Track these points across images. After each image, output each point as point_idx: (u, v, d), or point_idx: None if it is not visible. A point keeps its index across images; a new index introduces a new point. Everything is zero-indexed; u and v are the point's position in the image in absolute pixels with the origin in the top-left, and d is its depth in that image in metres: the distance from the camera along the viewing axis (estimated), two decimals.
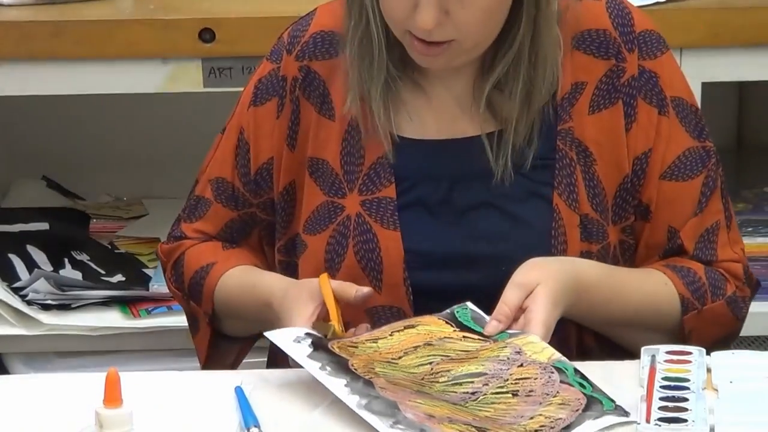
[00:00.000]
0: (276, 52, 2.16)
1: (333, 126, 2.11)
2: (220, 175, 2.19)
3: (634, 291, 2.09)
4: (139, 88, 2.84)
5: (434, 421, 1.76)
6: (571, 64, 2.09)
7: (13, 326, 2.89)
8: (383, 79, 2.06)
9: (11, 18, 2.83)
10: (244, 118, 2.17)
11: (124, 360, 2.80)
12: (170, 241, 2.24)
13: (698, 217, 2.12)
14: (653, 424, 1.81)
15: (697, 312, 2.10)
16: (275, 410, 1.87)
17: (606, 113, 2.10)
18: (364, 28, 2.05)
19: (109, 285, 2.94)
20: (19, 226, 3.06)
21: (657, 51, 2.13)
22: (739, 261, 2.16)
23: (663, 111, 2.11)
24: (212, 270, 2.16)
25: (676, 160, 2.12)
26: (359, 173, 2.10)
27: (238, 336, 2.23)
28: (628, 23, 2.12)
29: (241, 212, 2.19)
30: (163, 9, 2.89)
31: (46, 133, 3.34)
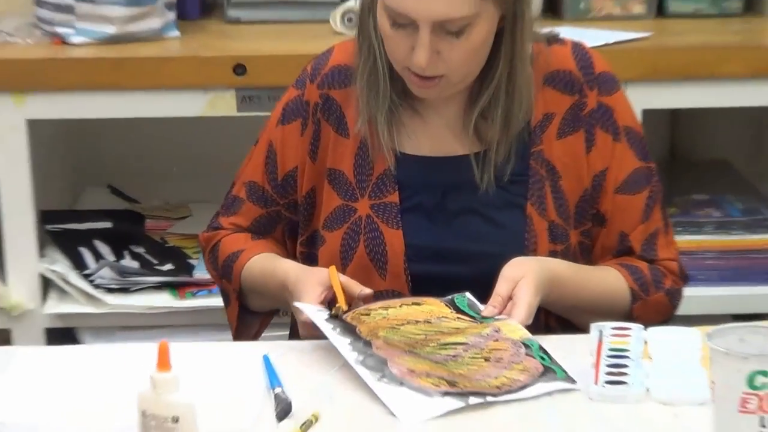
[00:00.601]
0: (301, 81, 2.16)
1: (348, 143, 2.11)
2: (252, 179, 2.18)
3: (596, 285, 2.09)
4: (185, 112, 2.83)
5: (414, 375, 1.78)
6: (543, 98, 2.09)
7: (84, 306, 2.89)
8: (387, 106, 2.06)
9: (80, 55, 2.82)
10: (273, 134, 2.16)
11: (172, 333, 2.80)
12: (209, 231, 2.24)
13: (644, 224, 2.12)
14: (601, 385, 1.82)
15: (643, 302, 2.10)
16: (295, 374, 1.86)
17: (570, 139, 2.10)
18: (371, 65, 2.05)
19: (160, 272, 2.94)
20: (88, 224, 3.06)
21: (612, 89, 2.12)
22: (675, 260, 2.16)
23: (617, 138, 2.11)
24: (241, 255, 2.15)
25: (627, 177, 2.11)
26: (369, 182, 2.10)
27: (260, 311, 2.23)
28: (589, 66, 2.12)
29: (268, 210, 2.19)
30: (203, 48, 2.89)
31: (110, 149, 3.33)
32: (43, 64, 2.81)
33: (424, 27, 1.92)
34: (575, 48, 2.13)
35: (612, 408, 1.78)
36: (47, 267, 2.90)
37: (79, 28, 2.87)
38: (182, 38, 2.97)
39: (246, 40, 2.96)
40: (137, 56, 2.84)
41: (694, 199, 3.04)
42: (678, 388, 1.81)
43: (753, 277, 2.97)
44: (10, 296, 2.86)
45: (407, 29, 1.94)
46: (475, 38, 1.95)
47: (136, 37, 2.90)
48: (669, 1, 3.11)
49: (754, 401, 1.55)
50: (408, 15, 1.92)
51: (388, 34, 1.98)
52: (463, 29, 1.93)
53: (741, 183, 3.19)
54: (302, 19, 3.06)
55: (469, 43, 1.95)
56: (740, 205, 3.03)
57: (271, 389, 1.82)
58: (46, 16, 2.91)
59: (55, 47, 2.88)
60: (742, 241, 2.96)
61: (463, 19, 1.92)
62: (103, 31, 2.88)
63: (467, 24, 1.93)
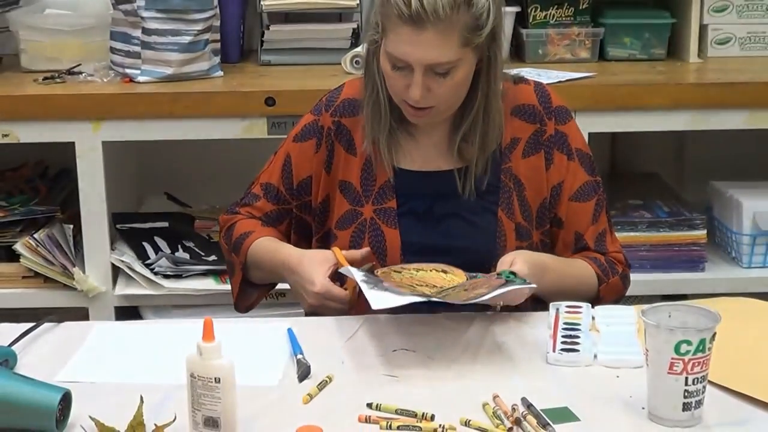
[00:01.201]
0: (317, 109, 2.14)
1: (355, 160, 2.09)
2: (269, 181, 2.17)
3: (573, 273, 2.06)
4: (226, 135, 2.81)
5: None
6: (510, 125, 2.07)
7: (145, 289, 2.87)
8: (387, 130, 2.04)
9: (144, 91, 2.81)
10: (289, 148, 2.15)
11: (215, 311, 2.76)
12: (228, 213, 2.22)
13: (594, 225, 2.11)
14: (557, 352, 1.80)
15: (606, 284, 2.08)
16: (314, 343, 1.85)
17: (533, 158, 2.08)
18: (375, 97, 2.04)
19: (207, 262, 2.91)
20: (149, 224, 3.04)
21: (566, 119, 2.11)
22: (620, 252, 2.14)
23: (570, 158, 2.10)
24: (251, 235, 2.13)
25: (578, 188, 2.10)
26: (372, 191, 2.08)
27: (258, 284, 2.19)
28: (548, 101, 2.10)
29: (279, 207, 2.16)
30: (241, 85, 2.87)
31: (167, 164, 3.31)
32: (115, 98, 2.79)
33: (418, 69, 1.91)
34: (537, 86, 2.12)
35: (566, 370, 1.77)
36: (117, 258, 2.88)
37: (144, 70, 2.86)
38: (225, 77, 2.95)
39: (275, 78, 2.95)
40: (189, 91, 2.82)
41: (630, 203, 3.03)
42: (619, 354, 1.79)
43: (677, 265, 2.95)
44: (87, 281, 2.84)
45: (404, 71, 1.94)
46: (458, 78, 1.94)
47: (188, 77, 2.89)
48: (608, 48, 3.10)
49: (679, 364, 1.55)
50: (405, 60, 1.92)
51: (389, 74, 1.97)
52: (449, 71, 1.93)
53: (667, 191, 3.18)
54: (320, 62, 3.05)
55: (454, 82, 1.94)
56: (666, 209, 3.02)
57: (294, 355, 1.81)
58: (118, 60, 2.91)
59: (125, 84, 2.87)
60: (668, 236, 2.95)
61: (448, 63, 1.92)
62: (163, 72, 2.86)
63: (452, 67, 1.92)
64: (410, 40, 1.90)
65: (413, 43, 1.90)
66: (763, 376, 1.71)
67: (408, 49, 1.91)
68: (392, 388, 1.70)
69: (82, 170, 2.79)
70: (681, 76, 2.96)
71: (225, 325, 1.81)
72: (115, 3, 2.87)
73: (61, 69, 2.92)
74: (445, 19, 1.88)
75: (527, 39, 3.06)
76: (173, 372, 1.69)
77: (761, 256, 2.94)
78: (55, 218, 2.96)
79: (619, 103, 2.80)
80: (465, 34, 1.91)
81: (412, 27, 1.89)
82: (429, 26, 1.88)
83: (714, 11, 3.09)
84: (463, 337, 1.88)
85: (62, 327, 1.96)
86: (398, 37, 1.92)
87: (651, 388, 1.60)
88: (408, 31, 1.90)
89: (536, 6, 3.07)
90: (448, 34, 1.90)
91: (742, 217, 2.92)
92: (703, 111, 2.82)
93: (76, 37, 2.99)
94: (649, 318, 1.58)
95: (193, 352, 1.54)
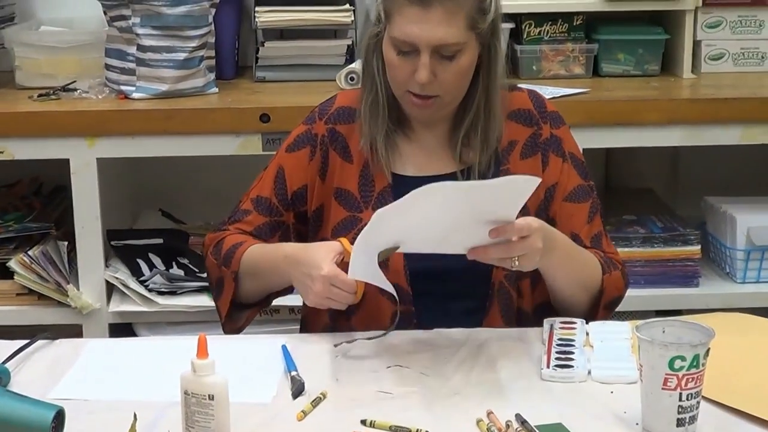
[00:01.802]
0: (310, 119, 2.13)
1: (352, 167, 2.08)
2: (260, 194, 2.13)
3: (580, 254, 2.03)
4: (221, 152, 2.81)
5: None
6: (508, 129, 2.08)
7: (139, 305, 2.86)
8: (384, 130, 2.04)
9: (139, 107, 2.80)
10: (282, 159, 2.13)
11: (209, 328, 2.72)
12: (215, 231, 2.18)
13: (589, 225, 2.10)
14: (552, 368, 1.80)
15: (608, 275, 2.05)
16: (308, 360, 1.85)
17: (530, 160, 2.08)
18: (374, 95, 2.04)
19: (201, 279, 2.90)
20: (144, 241, 3.03)
21: (560, 124, 2.12)
22: (617, 254, 2.13)
23: (564, 160, 2.10)
24: (243, 244, 2.08)
25: (572, 190, 2.09)
26: (372, 197, 2.06)
27: (250, 302, 2.14)
28: (543, 106, 2.12)
29: (272, 219, 2.12)
30: (236, 101, 2.87)
31: (162, 181, 3.32)
32: (110, 115, 2.79)
33: (425, 50, 1.92)
34: (531, 93, 2.14)
35: (560, 386, 1.77)
36: (111, 274, 2.87)
37: (138, 86, 2.86)
38: (220, 94, 2.95)
39: (270, 94, 2.95)
40: (184, 108, 2.82)
41: (624, 219, 3.03)
42: (613, 370, 1.79)
43: (671, 280, 2.95)
44: (81, 298, 2.84)
45: (410, 55, 1.94)
46: (463, 63, 1.95)
47: (183, 93, 2.89)
48: (602, 64, 3.10)
49: (673, 380, 1.55)
50: (413, 42, 1.92)
51: (393, 64, 1.97)
52: (455, 54, 1.94)
53: (661, 206, 3.19)
54: (314, 78, 3.05)
55: (459, 67, 1.95)
56: (660, 224, 3.02)
57: (288, 372, 1.80)
58: (113, 77, 2.91)
59: (120, 101, 2.87)
60: (662, 252, 2.95)
61: (455, 45, 1.92)
62: (158, 88, 2.86)
63: (458, 50, 1.93)
64: (418, 19, 1.91)
65: (421, 21, 1.91)
66: (758, 392, 1.71)
67: (416, 28, 1.91)
68: (386, 405, 1.70)
69: (77, 187, 2.79)
70: (675, 91, 2.97)
71: (219, 341, 1.81)
72: (110, 20, 2.88)
73: (56, 86, 2.92)
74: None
75: (521, 55, 3.07)
76: (167, 389, 1.69)
77: (755, 271, 2.94)
78: (50, 235, 2.96)
79: (613, 119, 2.80)
80: (472, 15, 1.92)
81: (419, 6, 1.90)
82: (437, 4, 1.90)
83: (707, 27, 3.10)
84: (458, 354, 1.88)
85: (56, 344, 1.95)
86: (405, 18, 1.92)
87: (645, 403, 1.59)
88: (416, 10, 1.91)
89: (530, 22, 3.08)
90: (456, 14, 1.91)
91: (736, 233, 2.92)
92: (697, 126, 2.82)
93: (71, 54, 2.99)
94: (643, 333, 1.58)
95: (187, 369, 1.54)
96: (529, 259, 1.85)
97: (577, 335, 1.90)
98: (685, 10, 3.04)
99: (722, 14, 3.10)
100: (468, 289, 2.03)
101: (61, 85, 2.92)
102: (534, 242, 1.83)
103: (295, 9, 3.04)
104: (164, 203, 3.32)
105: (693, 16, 3.05)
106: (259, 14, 3.03)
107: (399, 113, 2.06)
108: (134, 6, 2.81)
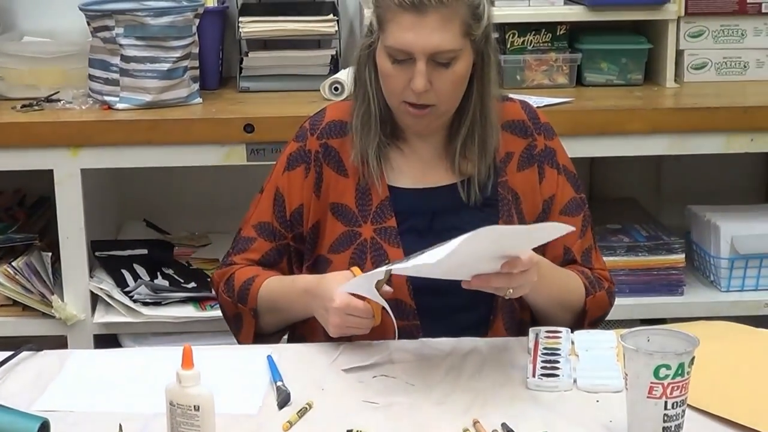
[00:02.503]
0: (301, 135, 2.11)
1: (348, 181, 2.06)
2: (261, 220, 2.11)
3: (563, 279, 2.04)
4: (205, 162, 2.80)
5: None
6: (503, 139, 2.07)
7: (124, 316, 2.85)
8: (376, 143, 2.03)
9: (123, 118, 2.80)
10: (279, 181, 2.10)
11: (195, 338, 2.76)
12: (222, 268, 2.15)
13: (581, 240, 2.11)
14: (537, 377, 1.80)
15: (592, 297, 2.06)
16: (293, 370, 1.84)
17: (527, 172, 2.08)
18: (366, 106, 2.03)
19: (186, 289, 2.90)
20: (128, 251, 3.03)
21: (553, 135, 2.13)
22: (605, 269, 2.14)
23: (559, 173, 2.10)
24: (257, 278, 2.07)
25: (567, 202, 2.10)
26: (370, 210, 2.04)
27: (270, 333, 2.12)
28: (536, 117, 2.12)
29: (277, 243, 2.11)
30: (220, 112, 2.86)
31: (146, 191, 3.31)
32: (93, 125, 2.78)
33: (421, 58, 1.91)
34: (523, 104, 2.14)
35: (546, 395, 1.77)
36: (96, 285, 2.86)
37: (122, 97, 2.86)
38: (204, 104, 2.95)
39: (254, 105, 2.94)
40: (168, 118, 2.81)
41: (608, 228, 3.04)
42: (599, 379, 1.79)
43: (656, 289, 2.96)
44: (66, 309, 2.83)
45: (405, 64, 1.93)
46: (458, 70, 1.95)
47: (167, 104, 2.89)
48: (585, 74, 3.11)
49: (659, 388, 1.55)
50: (408, 49, 1.92)
51: (388, 73, 1.96)
52: (451, 61, 1.93)
53: (644, 215, 3.19)
54: (298, 89, 3.05)
55: (455, 74, 1.95)
56: (644, 233, 3.03)
57: (273, 383, 1.80)
58: (97, 87, 2.90)
59: (104, 111, 2.86)
60: (646, 261, 2.95)
61: (451, 52, 1.92)
62: (142, 99, 2.86)
63: (454, 57, 1.93)
64: (413, 26, 1.90)
65: (416, 28, 1.90)
66: (743, 400, 1.72)
67: (411, 35, 1.91)
68: (372, 415, 1.70)
69: (61, 198, 2.78)
70: (658, 101, 2.98)
71: (204, 352, 1.81)
72: (93, 30, 2.87)
73: (39, 96, 2.92)
74: (448, 4, 1.90)
75: (505, 65, 3.07)
76: (152, 400, 1.69)
77: (739, 279, 2.95)
78: (34, 246, 2.94)
79: (596, 129, 2.81)
80: (466, 21, 1.93)
81: (414, 13, 1.90)
82: (431, 11, 1.89)
83: (690, 37, 3.11)
84: (443, 363, 1.88)
85: (40, 355, 1.94)
86: (400, 26, 1.92)
87: (631, 412, 1.60)
88: (410, 17, 1.90)
89: (514, 32, 3.09)
90: (451, 20, 1.91)
91: (720, 241, 2.93)
92: (680, 135, 2.83)
93: (55, 64, 2.99)
94: (628, 342, 1.58)
95: (173, 380, 1.54)
96: (524, 289, 1.88)
97: (562, 344, 1.90)
98: (668, 19, 3.05)
99: (705, 24, 3.11)
100: (472, 302, 2.01)
101: (45, 96, 2.92)
102: (532, 276, 1.86)
103: (279, 19, 3.04)
104: (148, 214, 3.32)
105: (676, 25, 3.07)
106: (243, 24, 3.03)
107: (393, 125, 2.05)
108: (118, 16, 2.81)
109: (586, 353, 1.89)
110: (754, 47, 3.13)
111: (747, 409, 1.68)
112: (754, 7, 3.10)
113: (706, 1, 3.08)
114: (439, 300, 2.00)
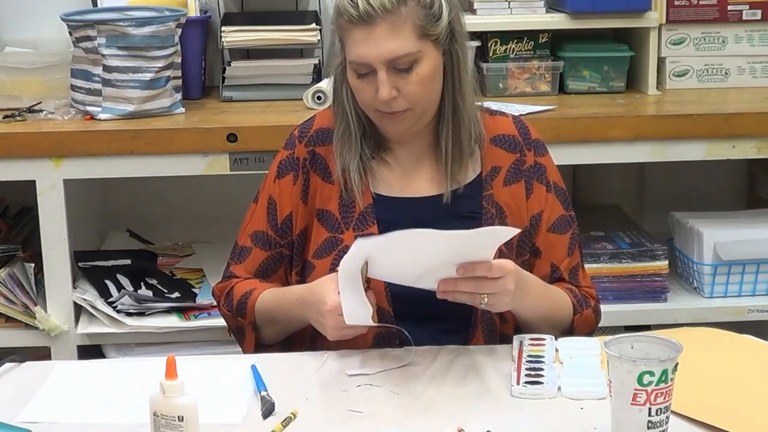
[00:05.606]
0: (290, 143, 2.13)
1: (333, 188, 2.08)
2: (256, 229, 2.12)
3: (552, 297, 2.05)
4: (189, 172, 2.79)
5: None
6: (491, 154, 2.08)
7: (108, 327, 2.83)
8: (358, 157, 2.04)
9: (106, 128, 2.79)
10: (272, 189, 2.11)
11: (178, 348, 2.75)
12: (223, 281, 2.16)
13: (569, 258, 2.11)
14: (521, 385, 1.80)
15: (579, 315, 2.07)
16: (278, 380, 1.84)
17: (514, 187, 2.08)
18: (345, 124, 2.04)
19: (170, 299, 2.90)
20: (111, 261, 3.02)
21: (544, 152, 2.13)
22: (591, 287, 2.15)
23: (548, 189, 2.10)
24: (254, 292, 2.07)
25: (555, 220, 2.10)
26: (352, 218, 2.05)
27: (271, 342, 2.12)
28: (527, 133, 2.12)
29: (272, 252, 2.11)
30: (203, 121, 2.86)
31: (129, 202, 3.30)
32: (76, 135, 2.78)
33: (380, 67, 1.93)
34: (515, 119, 2.14)
35: (531, 403, 1.77)
36: (79, 296, 2.85)
37: (105, 107, 2.85)
38: (186, 114, 2.94)
39: (237, 114, 2.94)
40: (151, 128, 2.81)
41: (592, 235, 3.05)
42: (583, 386, 1.80)
43: (639, 296, 2.97)
44: (49, 320, 2.82)
45: (369, 77, 1.95)
46: (422, 72, 1.95)
47: (150, 114, 2.88)
48: (568, 81, 3.12)
49: (642, 395, 1.56)
50: (366, 62, 1.93)
51: (357, 87, 1.98)
52: (412, 65, 1.94)
53: (628, 222, 3.20)
54: (281, 98, 3.05)
55: (419, 77, 1.95)
56: (628, 240, 3.03)
57: (257, 392, 1.80)
58: (79, 98, 2.90)
59: (86, 122, 2.86)
60: (629, 267, 2.96)
61: (408, 56, 1.93)
62: (124, 109, 2.86)
63: (414, 60, 1.94)
64: (365, 39, 1.92)
65: (368, 41, 1.92)
66: (726, 406, 1.73)
67: (364, 48, 1.93)
68: (357, 424, 1.70)
69: (44, 208, 2.77)
70: (640, 108, 2.99)
71: (188, 362, 1.80)
72: (75, 41, 2.87)
73: (21, 107, 2.91)
74: (394, 11, 1.91)
75: (487, 73, 3.08)
76: (136, 411, 1.68)
77: (722, 285, 2.96)
78: (16, 257, 2.94)
79: (579, 136, 2.82)
80: (420, 24, 1.93)
81: (363, 26, 1.92)
82: (379, 20, 1.91)
83: (672, 44, 3.13)
84: (428, 371, 1.88)
85: (24, 367, 1.94)
86: (354, 41, 1.94)
87: (615, 419, 1.60)
88: (361, 31, 1.92)
89: (496, 40, 3.10)
90: (400, 26, 1.92)
91: (703, 248, 2.94)
92: (663, 142, 2.84)
93: (37, 74, 2.98)
94: (611, 349, 1.58)
95: (156, 391, 1.54)
96: (499, 299, 1.86)
97: (546, 351, 1.91)
98: (650, 27, 3.06)
99: (686, 31, 3.13)
100: (450, 313, 2.00)
101: (27, 107, 2.91)
102: (505, 283, 1.85)
103: (262, 29, 3.04)
104: (132, 224, 3.31)
105: (657, 33, 3.08)
106: (225, 34, 3.03)
107: (377, 137, 2.06)
108: (100, 26, 2.81)
109: (570, 360, 1.89)
110: (736, 54, 3.15)
111: (731, 415, 1.69)
112: (735, 15, 3.12)
113: (687, 9, 3.10)
114: (416, 307, 1.99)
